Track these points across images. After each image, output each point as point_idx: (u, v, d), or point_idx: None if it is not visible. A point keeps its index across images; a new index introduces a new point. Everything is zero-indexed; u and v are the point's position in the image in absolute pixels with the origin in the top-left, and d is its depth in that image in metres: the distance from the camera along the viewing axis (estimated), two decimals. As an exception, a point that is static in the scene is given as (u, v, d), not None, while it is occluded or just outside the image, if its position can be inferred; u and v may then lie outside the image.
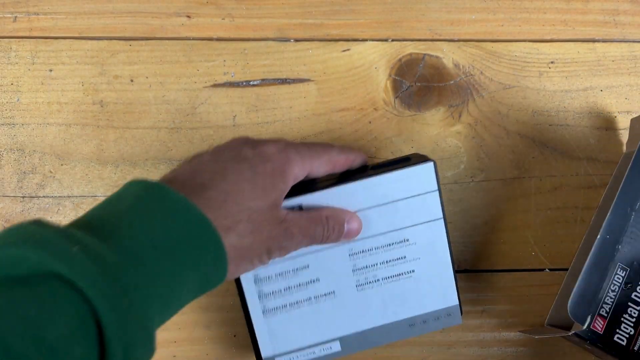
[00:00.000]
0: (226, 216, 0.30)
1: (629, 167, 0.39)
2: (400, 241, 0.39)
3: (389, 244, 0.39)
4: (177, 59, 0.46)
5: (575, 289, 0.37)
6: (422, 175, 0.38)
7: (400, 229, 0.39)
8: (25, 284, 0.23)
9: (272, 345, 0.39)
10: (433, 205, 0.38)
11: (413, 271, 0.39)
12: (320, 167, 0.36)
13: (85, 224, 0.27)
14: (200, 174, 0.31)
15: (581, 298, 0.37)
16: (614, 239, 0.38)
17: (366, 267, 0.39)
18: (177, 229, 0.27)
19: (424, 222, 0.39)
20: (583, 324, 0.37)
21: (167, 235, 0.27)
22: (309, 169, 0.35)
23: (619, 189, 0.39)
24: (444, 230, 0.39)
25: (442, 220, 0.39)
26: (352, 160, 0.38)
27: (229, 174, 0.31)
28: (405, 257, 0.39)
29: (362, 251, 0.39)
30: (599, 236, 0.38)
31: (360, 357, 0.43)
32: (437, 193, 0.38)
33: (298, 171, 0.34)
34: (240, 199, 0.31)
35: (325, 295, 0.39)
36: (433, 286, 0.39)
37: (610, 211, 0.38)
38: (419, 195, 0.38)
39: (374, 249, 0.39)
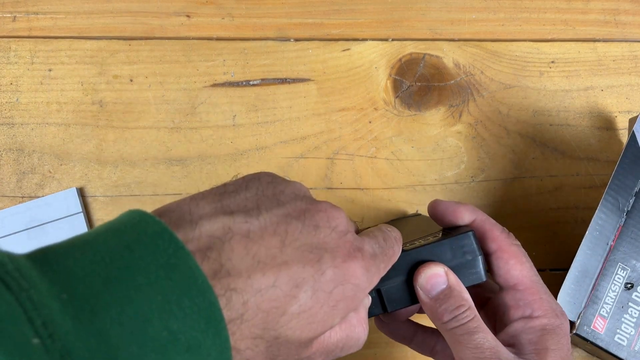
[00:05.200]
0: (244, 336, 0.21)
1: (617, 165, 0.39)
2: None
3: None
4: (177, 58, 0.46)
5: (563, 286, 0.37)
6: (67, 199, 0.43)
7: None
8: None
9: None
10: (79, 227, 0.43)
11: None
12: None
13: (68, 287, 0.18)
14: (252, 248, 0.21)
15: (572, 295, 0.37)
16: (604, 236, 0.38)
17: None
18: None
19: None
20: (574, 321, 0.37)
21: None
22: None
23: (607, 187, 0.39)
24: None
25: None
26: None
27: (297, 274, 0.21)
28: None
29: None
30: (587, 234, 0.38)
31: (359, 357, 0.43)
32: (81, 215, 0.43)
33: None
34: (284, 319, 0.21)
35: None
36: None
37: (598, 209, 0.38)
38: (64, 217, 0.42)
39: None
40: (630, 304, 0.38)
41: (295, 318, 0.21)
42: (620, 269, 0.38)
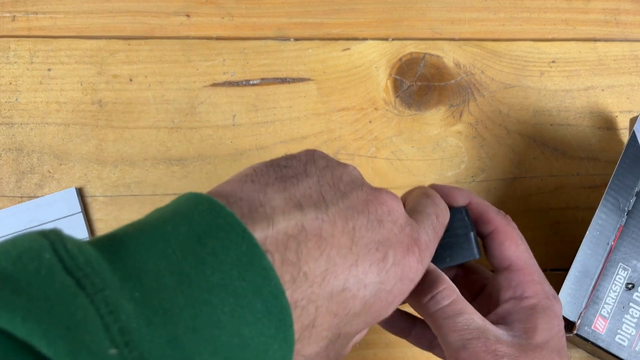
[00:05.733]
0: (312, 331, 0.20)
1: (617, 165, 0.39)
2: None
3: None
4: (177, 58, 0.46)
5: (564, 286, 0.37)
6: (66, 199, 0.42)
7: None
8: None
9: None
10: (78, 227, 0.42)
11: None
12: None
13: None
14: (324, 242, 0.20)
15: (572, 295, 0.37)
16: (604, 236, 0.38)
17: None
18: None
19: None
20: (575, 321, 0.37)
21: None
22: None
23: (607, 187, 0.39)
24: None
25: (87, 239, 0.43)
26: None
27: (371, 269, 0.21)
28: None
29: None
30: (587, 234, 0.38)
31: (359, 357, 0.43)
32: (81, 215, 0.42)
33: None
34: (353, 318, 0.21)
35: None
36: None
37: (598, 209, 0.38)
38: (64, 217, 0.42)
39: None
40: (631, 304, 0.38)
41: (358, 316, 0.21)
42: (621, 269, 0.38)
